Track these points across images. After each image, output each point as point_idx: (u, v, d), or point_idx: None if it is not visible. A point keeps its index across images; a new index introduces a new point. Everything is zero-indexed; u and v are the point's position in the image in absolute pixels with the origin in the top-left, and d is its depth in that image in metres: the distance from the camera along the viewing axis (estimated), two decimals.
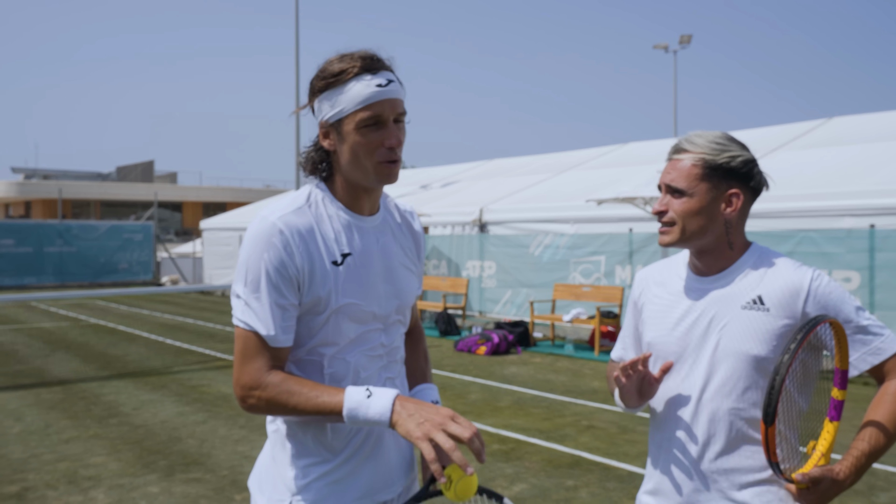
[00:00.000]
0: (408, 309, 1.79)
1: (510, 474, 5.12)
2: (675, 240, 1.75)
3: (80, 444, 5.89)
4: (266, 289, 1.57)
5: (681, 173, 1.73)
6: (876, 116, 12.63)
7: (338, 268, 1.63)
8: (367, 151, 1.60)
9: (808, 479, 1.61)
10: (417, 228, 1.86)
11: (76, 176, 47.01)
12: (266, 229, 1.58)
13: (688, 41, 27.56)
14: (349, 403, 1.51)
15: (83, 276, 23.74)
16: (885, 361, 1.67)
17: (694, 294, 1.78)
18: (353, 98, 1.58)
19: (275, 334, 1.58)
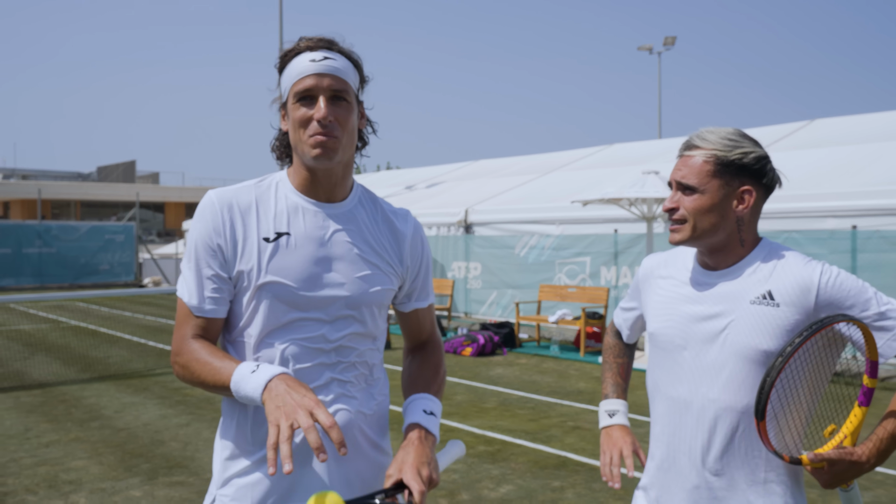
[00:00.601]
0: (365, 306, 1.67)
1: (496, 475, 5.10)
2: (687, 237, 1.72)
3: (61, 448, 5.80)
4: (195, 260, 1.61)
5: (692, 170, 1.70)
6: (858, 118, 12.78)
7: (268, 244, 1.60)
8: (299, 125, 1.60)
9: (821, 459, 1.61)
10: (403, 229, 1.77)
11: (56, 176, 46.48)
12: (202, 204, 1.63)
13: (672, 43, 27.78)
14: (235, 376, 1.48)
15: (63, 278, 23.44)
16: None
17: (701, 288, 1.75)
18: (291, 74, 1.62)
19: (198, 303, 1.60)
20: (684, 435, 1.75)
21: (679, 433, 1.76)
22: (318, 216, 1.65)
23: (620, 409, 1.98)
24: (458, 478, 5.07)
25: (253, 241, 1.60)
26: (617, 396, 2.02)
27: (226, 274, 1.61)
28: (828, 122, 13.20)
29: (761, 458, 1.69)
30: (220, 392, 1.55)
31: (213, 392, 1.58)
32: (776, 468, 1.69)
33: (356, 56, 1.68)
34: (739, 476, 1.69)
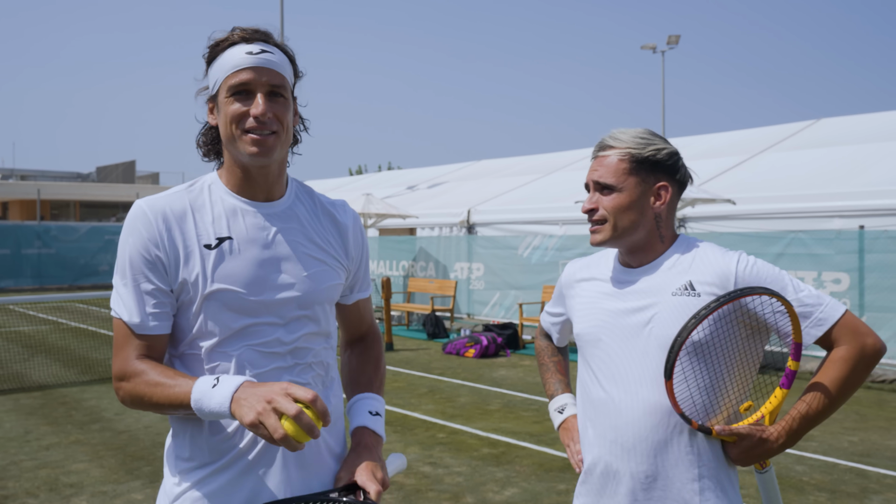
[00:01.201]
0: (318, 305, 1.62)
1: (501, 478, 5.06)
2: (608, 237, 1.75)
3: (61, 451, 5.75)
4: (131, 275, 1.52)
5: (608, 169, 1.74)
6: (864, 118, 12.73)
7: (210, 251, 1.53)
8: (233, 120, 1.52)
9: (729, 432, 1.66)
10: (343, 220, 1.71)
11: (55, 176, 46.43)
12: (132, 214, 1.54)
13: (676, 42, 27.67)
14: (195, 394, 1.42)
15: (62, 279, 23.37)
16: (829, 331, 1.66)
17: (623, 285, 1.78)
18: (224, 66, 1.53)
19: (140, 321, 1.52)
20: (615, 436, 1.74)
21: (609, 434, 1.75)
22: (257, 217, 1.59)
23: (569, 401, 2.01)
24: (462, 481, 5.01)
25: (193, 249, 1.53)
26: (563, 392, 2.05)
27: (167, 287, 1.52)
28: (833, 122, 13.15)
29: (695, 454, 1.69)
30: (174, 412, 1.48)
31: (167, 413, 1.51)
32: (710, 465, 1.69)
33: (290, 50, 1.62)
34: (674, 475, 1.69)
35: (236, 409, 1.37)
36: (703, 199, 9.16)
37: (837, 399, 1.66)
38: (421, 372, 9.27)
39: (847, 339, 1.65)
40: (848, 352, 1.65)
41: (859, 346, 1.65)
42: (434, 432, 6.32)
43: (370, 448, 1.61)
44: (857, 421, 6.69)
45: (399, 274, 14.93)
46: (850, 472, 5.22)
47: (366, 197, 13.70)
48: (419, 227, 14.82)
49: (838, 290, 8.74)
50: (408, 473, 5.19)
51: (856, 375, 1.65)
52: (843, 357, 1.65)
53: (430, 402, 7.50)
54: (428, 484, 4.97)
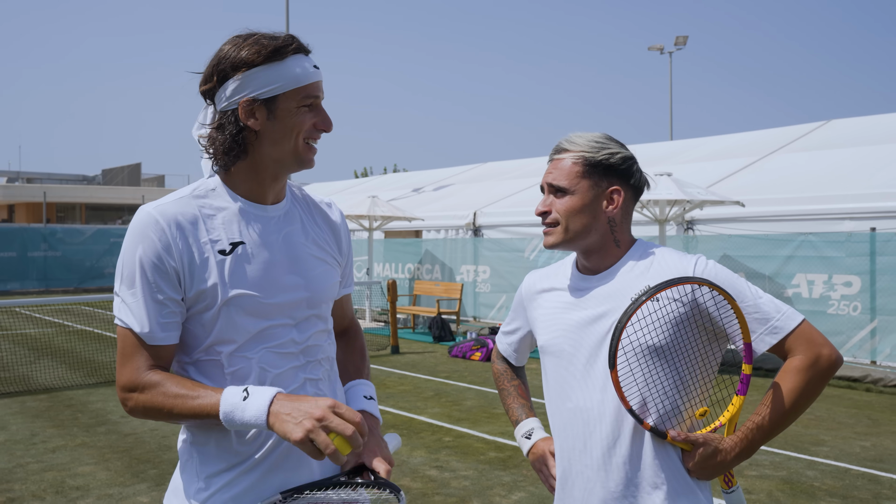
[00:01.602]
0: (324, 303, 1.67)
1: (508, 483, 5.03)
2: (560, 240, 1.74)
3: (67, 454, 5.73)
4: (141, 284, 1.49)
5: (562, 172, 1.74)
6: (875, 119, 12.63)
7: (226, 257, 1.53)
8: (299, 132, 1.56)
9: (684, 439, 1.64)
10: (336, 219, 1.77)
11: (61, 179, 46.60)
12: (141, 221, 1.51)
13: (683, 43, 27.60)
14: (225, 406, 1.42)
15: (68, 282, 23.43)
16: (784, 339, 1.64)
17: (582, 293, 1.77)
18: (296, 76, 1.54)
19: (150, 331, 1.50)
20: (584, 446, 1.73)
21: (579, 445, 1.74)
22: (264, 220, 1.61)
23: (535, 426, 1.97)
24: (469, 485, 4.98)
25: (209, 256, 1.52)
26: (527, 416, 2.01)
27: (179, 297, 1.51)
28: (844, 123, 13.05)
29: (669, 459, 1.68)
30: (194, 421, 1.49)
31: (184, 422, 1.52)
32: (680, 472, 1.68)
33: None
34: (645, 481, 1.67)
35: (278, 425, 1.39)
36: (712, 201, 9.09)
37: (793, 410, 1.64)
38: (427, 375, 9.23)
39: (803, 349, 1.63)
40: (803, 362, 1.62)
41: (814, 357, 1.62)
42: (440, 436, 6.28)
43: (371, 430, 1.65)
44: (869, 426, 6.62)
45: (405, 276, 14.90)
46: (862, 477, 5.16)
47: (371, 199, 13.68)
48: (425, 230, 14.79)
49: (849, 292, 8.67)
50: (414, 477, 5.15)
51: (811, 386, 1.63)
52: (798, 367, 1.63)
53: (436, 406, 7.46)
54: (434, 488, 4.93)
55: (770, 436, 1.66)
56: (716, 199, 9.10)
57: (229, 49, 1.55)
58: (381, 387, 8.37)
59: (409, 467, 5.37)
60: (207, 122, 1.60)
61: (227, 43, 1.56)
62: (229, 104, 1.54)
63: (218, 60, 1.55)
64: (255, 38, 1.55)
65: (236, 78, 1.52)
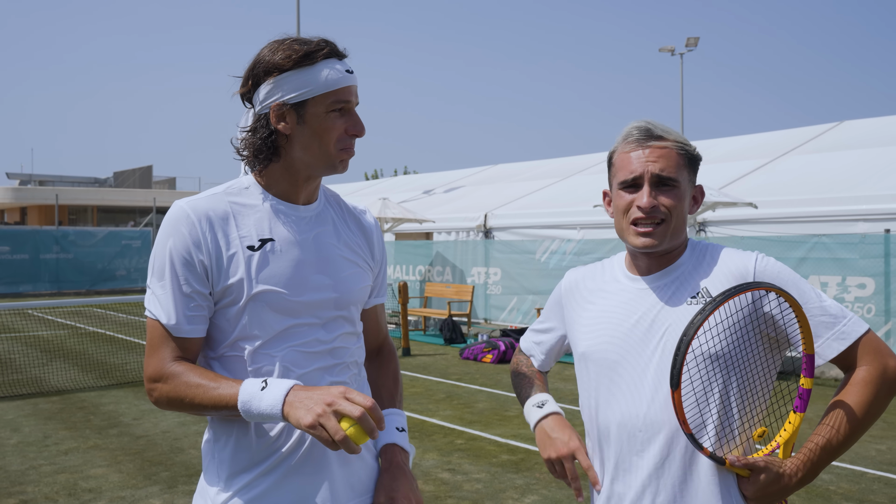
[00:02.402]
0: (352, 305, 1.66)
1: (520, 486, 5.00)
2: (663, 242, 1.56)
3: (80, 456, 5.75)
4: (170, 276, 1.52)
5: (670, 161, 1.55)
6: (889, 119, 12.54)
7: (254, 253, 1.54)
8: (331, 137, 1.56)
9: (744, 465, 1.48)
10: (369, 224, 1.77)
11: (73, 181, 46.92)
12: (173, 215, 1.54)
13: (695, 44, 27.45)
14: (243, 396, 1.44)
15: (80, 284, 23.55)
16: (851, 347, 1.50)
17: (634, 295, 1.62)
18: (326, 81, 1.54)
19: (177, 323, 1.52)
20: (629, 465, 1.57)
21: (623, 464, 1.58)
22: (296, 220, 1.62)
23: (548, 398, 1.76)
24: (481, 487, 4.95)
25: (237, 251, 1.54)
26: (540, 391, 1.79)
27: (206, 290, 1.54)
28: (857, 124, 12.96)
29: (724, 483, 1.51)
30: (215, 414, 1.51)
31: (206, 414, 1.53)
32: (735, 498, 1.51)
33: None
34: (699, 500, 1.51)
35: (290, 412, 1.39)
36: (724, 202, 9.03)
37: (861, 427, 1.49)
38: (438, 377, 9.21)
39: (869, 359, 1.50)
40: (870, 373, 1.49)
41: (882, 368, 1.49)
42: (452, 438, 6.26)
43: (402, 467, 1.64)
44: (884, 429, 6.55)
45: (416, 279, 14.89)
46: (878, 481, 5.10)
47: (382, 201, 13.68)
48: (436, 232, 14.78)
49: (863, 294, 8.58)
50: (426, 480, 5.13)
51: (879, 400, 1.49)
52: (865, 379, 1.49)
53: (447, 408, 7.44)
54: (447, 490, 4.91)
55: (835, 455, 1.50)
56: (728, 200, 9.04)
57: (265, 53, 1.57)
58: None
59: (422, 470, 5.35)
60: (246, 125, 1.62)
61: (265, 47, 1.59)
62: (262, 108, 1.57)
63: (254, 65, 1.58)
64: (288, 42, 1.56)
65: (269, 82, 1.56)
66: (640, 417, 1.55)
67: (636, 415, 1.56)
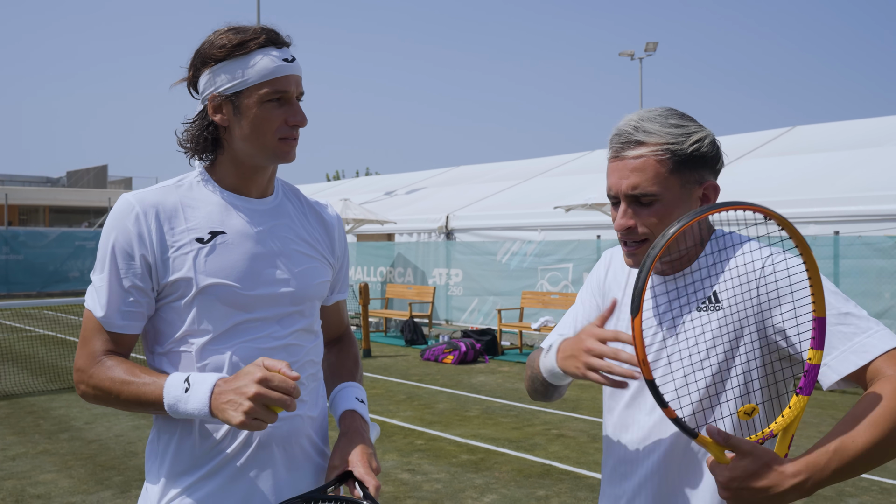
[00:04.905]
0: (308, 301, 1.61)
1: (480, 485, 5.01)
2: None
3: (28, 461, 5.59)
4: (109, 270, 1.50)
5: (644, 175, 1.35)
6: (840, 125, 12.94)
7: (203, 246, 1.51)
8: (269, 127, 1.52)
9: (724, 440, 1.16)
10: (330, 218, 1.73)
11: (23, 181, 45.62)
12: (119, 209, 1.51)
13: (654, 49, 27.89)
14: (168, 399, 1.41)
15: (31, 286, 22.88)
16: (871, 361, 1.24)
17: (655, 294, 1.49)
18: (259, 71, 1.50)
19: (110, 317, 1.50)
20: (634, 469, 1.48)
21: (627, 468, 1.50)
22: (250, 213, 1.58)
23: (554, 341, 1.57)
24: (441, 488, 4.96)
25: (185, 244, 1.50)
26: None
27: (147, 286, 1.50)
28: (809, 129, 13.34)
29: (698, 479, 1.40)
30: (143, 410, 1.47)
31: (134, 410, 1.49)
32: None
33: None
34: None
35: (219, 414, 1.36)
36: None
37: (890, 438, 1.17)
38: (399, 378, 9.19)
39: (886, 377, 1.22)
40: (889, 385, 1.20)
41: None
42: (412, 439, 6.25)
43: (360, 432, 1.59)
44: (832, 425, 6.68)
45: (377, 280, 14.83)
46: None
47: (343, 202, 13.60)
48: (397, 233, 14.74)
49: None
50: (386, 481, 5.11)
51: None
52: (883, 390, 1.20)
53: (408, 409, 7.43)
54: (406, 491, 4.90)
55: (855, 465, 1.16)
56: None
57: (205, 43, 1.54)
58: None
59: (381, 471, 5.33)
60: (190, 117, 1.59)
61: (208, 36, 1.55)
62: (202, 99, 1.54)
63: (194, 55, 1.56)
64: (226, 31, 1.52)
65: (206, 73, 1.53)
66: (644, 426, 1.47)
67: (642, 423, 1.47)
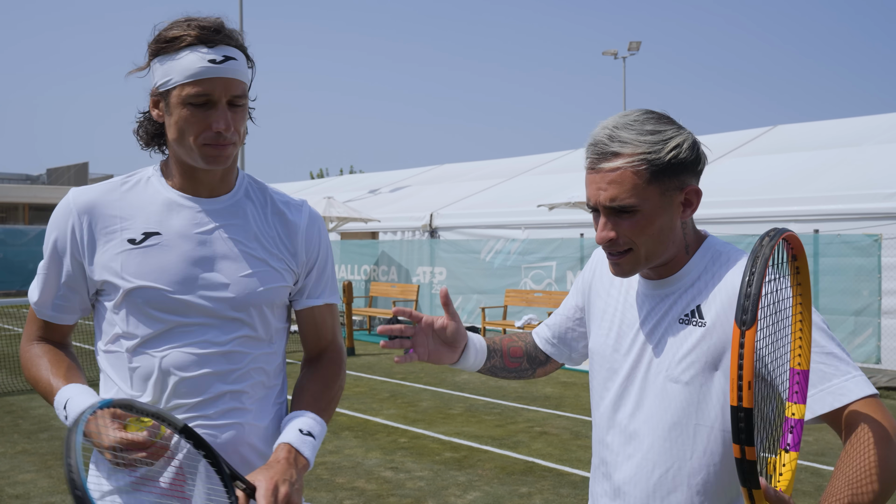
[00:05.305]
0: (253, 307, 1.52)
1: (463, 482, 5.02)
2: (637, 268, 1.40)
3: (7, 461, 5.53)
4: (46, 264, 1.54)
5: (622, 187, 1.33)
6: (820, 125, 13.08)
7: (134, 247, 1.48)
8: (191, 130, 1.45)
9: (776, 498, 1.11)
10: (294, 220, 1.61)
11: (2, 178, 45.07)
12: (60, 207, 1.54)
13: (637, 48, 28.02)
14: (58, 412, 1.45)
15: (10, 284, 22.60)
16: (847, 406, 1.25)
17: (639, 301, 1.47)
18: (184, 70, 1.43)
19: (41, 306, 1.56)
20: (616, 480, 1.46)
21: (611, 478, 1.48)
22: (195, 213, 1.52)
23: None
24: (424, 485, 4.96)
25: (116, 245, 1.48)
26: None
27: (78, 285, 1.52)
28: (790, 128, 13.47)
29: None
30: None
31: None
32: None
33: (244, 42, 1.52)
34: None
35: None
36: None
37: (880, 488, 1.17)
38: (382, 377, 9.19)
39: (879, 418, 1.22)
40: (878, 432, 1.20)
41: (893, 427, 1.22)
42: (396, 437, 6.26)
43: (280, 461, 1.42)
44: None
45: (361, 278, 14.81)
46: (805, 471, 5.31)
47: (327, 200, 13.56)
48: (381, 231, 14.73)
49: None
50: (369, 479, 5.11)
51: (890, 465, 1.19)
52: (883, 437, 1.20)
53: (391, 407, 7.43)
54: (389, 489, 4.91)
55: None
56: None
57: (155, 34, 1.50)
58: None
59: (364, 469, 5.33)
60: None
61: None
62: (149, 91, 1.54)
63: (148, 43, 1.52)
64: (172, 24, 1.48)
65: (152, 64, 1.49)
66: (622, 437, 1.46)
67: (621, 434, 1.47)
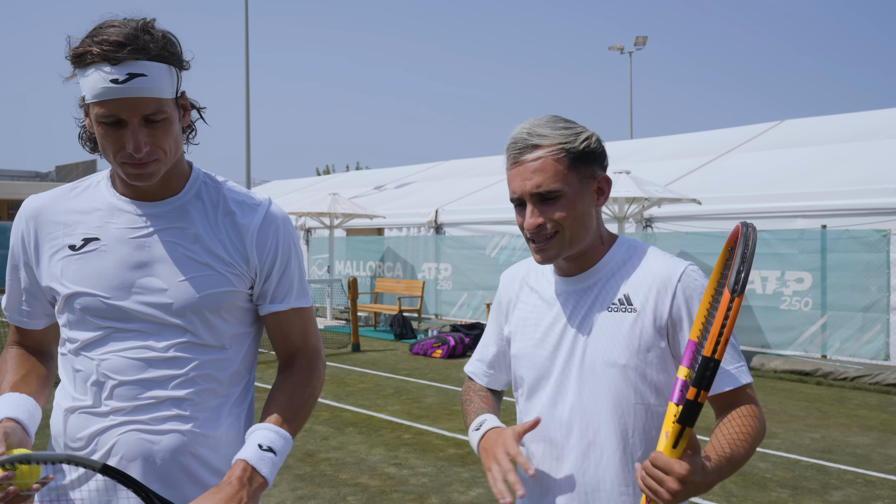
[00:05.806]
0: (193, 313, 1.46)
1: (466, 479, 5.01)
2: (563, 252, 1.49)
3: None
4: (10, 270, 1.59)
5: (546, 174, 1.45)
6: (828, 119, 12.97)
7: (74, 253, 1.48)
8: (109, 148, 1.40)
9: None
10: (244, 222, 1.53)
11: (12, 175, 45.32)
12: (18, 214, 1.57)
13: (643, 43, 27.85)
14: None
15: None
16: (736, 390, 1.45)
17: (561, 298, 1.56)
18: (90, 89, 1.37)
19: (9, 310, 1.61)
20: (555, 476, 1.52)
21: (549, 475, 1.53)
22: (135, 217, 1.49)
23: (487, 417, 1.62)
24: (427, 482, 4.95)
25: (58, 252, 1.50)
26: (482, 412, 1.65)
27: (36, 290, 1.56)
28: (798, 123, 13.37)
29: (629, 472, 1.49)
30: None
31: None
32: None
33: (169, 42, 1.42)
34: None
35: None
36: (670, 198, 9.22)
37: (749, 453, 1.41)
38: (387, 373, 9.18)
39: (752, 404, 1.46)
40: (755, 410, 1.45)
41: (761, 416, 1.46)
42: (400, 433, 6.24)
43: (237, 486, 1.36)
44: (818, 418, 6.77)
45: (366, 274, 14.81)
46: (811, 468, 5.27)
47: (332, 197, 13.56)
48: (386, 228, 14.72)
49: (801, 288, 8.86)
50: (372, 475, 5.10)
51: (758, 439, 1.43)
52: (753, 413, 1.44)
53: (396, 403, 7.42)
54: (393, 485, 4.89)
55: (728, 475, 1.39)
56: (673, 196, 9.23)
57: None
58: (341, 385, 8.30)
59: (368, 465, 5.32)
60: None
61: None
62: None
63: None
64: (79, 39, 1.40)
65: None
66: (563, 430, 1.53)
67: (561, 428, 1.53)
